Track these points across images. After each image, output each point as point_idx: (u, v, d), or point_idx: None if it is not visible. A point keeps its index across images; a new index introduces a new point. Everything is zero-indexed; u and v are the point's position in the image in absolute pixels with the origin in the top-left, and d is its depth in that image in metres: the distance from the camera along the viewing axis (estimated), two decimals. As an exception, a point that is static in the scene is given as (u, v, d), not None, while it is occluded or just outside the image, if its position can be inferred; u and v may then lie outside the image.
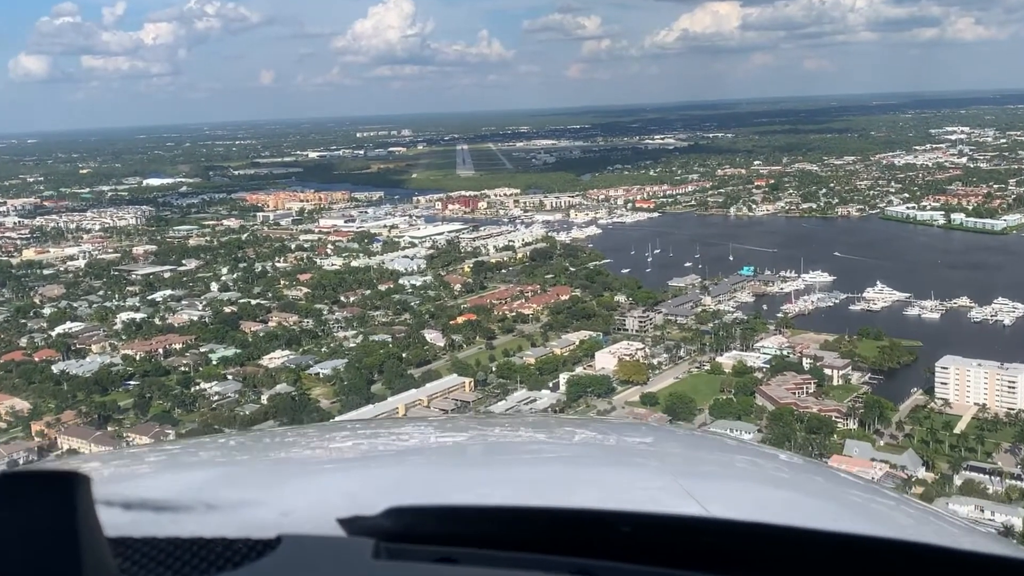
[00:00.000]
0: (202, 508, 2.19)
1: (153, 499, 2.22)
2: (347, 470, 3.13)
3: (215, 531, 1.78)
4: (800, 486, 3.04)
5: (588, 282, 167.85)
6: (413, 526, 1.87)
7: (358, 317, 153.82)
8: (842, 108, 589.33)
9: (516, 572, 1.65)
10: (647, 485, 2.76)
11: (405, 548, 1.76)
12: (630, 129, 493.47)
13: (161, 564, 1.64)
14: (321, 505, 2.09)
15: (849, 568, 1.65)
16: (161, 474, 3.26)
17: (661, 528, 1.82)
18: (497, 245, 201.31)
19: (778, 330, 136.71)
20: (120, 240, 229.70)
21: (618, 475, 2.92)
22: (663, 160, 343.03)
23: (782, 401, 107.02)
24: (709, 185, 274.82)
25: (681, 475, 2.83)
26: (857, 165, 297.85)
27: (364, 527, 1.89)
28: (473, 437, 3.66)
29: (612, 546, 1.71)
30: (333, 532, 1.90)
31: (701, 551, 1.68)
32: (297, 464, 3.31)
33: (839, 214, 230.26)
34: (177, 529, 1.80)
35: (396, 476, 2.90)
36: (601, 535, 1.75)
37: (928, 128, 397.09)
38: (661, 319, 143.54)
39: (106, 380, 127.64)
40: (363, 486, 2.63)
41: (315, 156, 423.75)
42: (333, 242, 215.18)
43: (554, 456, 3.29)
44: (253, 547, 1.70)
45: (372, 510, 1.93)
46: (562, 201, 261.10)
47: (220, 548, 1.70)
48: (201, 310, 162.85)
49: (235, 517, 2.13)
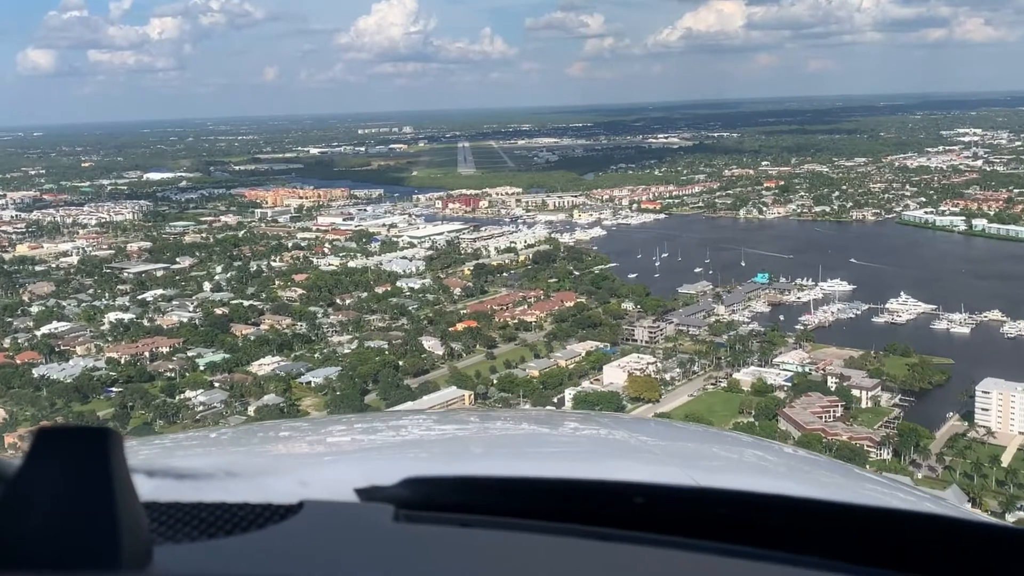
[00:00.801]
0: (223, 476, 2.28)
1: (176, 468, 2.30)
2: (363, 449, 3.34)
3: (237, 498, 1.82)
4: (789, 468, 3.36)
5: (593, 288, 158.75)
6: (430, 495, 1.91)
7: (354, 321, 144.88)
8: (849, 108, 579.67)
9: (531, 535, 1.71)
10: (650, 465, 3.00)
11: (424, 515, 1.80)
12: (633, 128, 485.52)
13: (187, 525, 1.68)
14: (339, 478, 2.17)
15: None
16: (182, 450, 3.49)
17: (667, 498, 1.90)
18: (499, 246, 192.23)
19: (798, 344, 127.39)
20: (116, 236, 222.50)
21: (622, 455, 3.24)
22: (668, 160, 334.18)
23: (808, 427, 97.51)
24: (716, 186, 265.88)
25: (681, 458, 3.17)
26: (869, 167, 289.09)
27: (382, 496, 1.93)
28: (483, 426, 3.93)
29: (621, 515, 1.77)
30: (352, 500, 1.98)
31: (707, 520, 1.75)
32: (315, 443, 3.52)
33: (854, 218, 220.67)
34: (200, 495, 1.84)
35: (411, 454, 3.13)
36: (610, 505, 1.84)
37: (939, 130, 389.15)
38: (672, 329, 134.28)
39: (87, 386, 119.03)
40: (379, 462, 2.80)
41: (316, 152, 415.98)
42: (331, 241, 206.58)
43: (560, 440, 3.53)
44: (276, 511, 1.74)
45: (389, 482, 1.99)
46: (565, 201, 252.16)
47: (244, 512, 1.73)
48: (192, 311, 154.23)
49: (256, 486, 2.21)
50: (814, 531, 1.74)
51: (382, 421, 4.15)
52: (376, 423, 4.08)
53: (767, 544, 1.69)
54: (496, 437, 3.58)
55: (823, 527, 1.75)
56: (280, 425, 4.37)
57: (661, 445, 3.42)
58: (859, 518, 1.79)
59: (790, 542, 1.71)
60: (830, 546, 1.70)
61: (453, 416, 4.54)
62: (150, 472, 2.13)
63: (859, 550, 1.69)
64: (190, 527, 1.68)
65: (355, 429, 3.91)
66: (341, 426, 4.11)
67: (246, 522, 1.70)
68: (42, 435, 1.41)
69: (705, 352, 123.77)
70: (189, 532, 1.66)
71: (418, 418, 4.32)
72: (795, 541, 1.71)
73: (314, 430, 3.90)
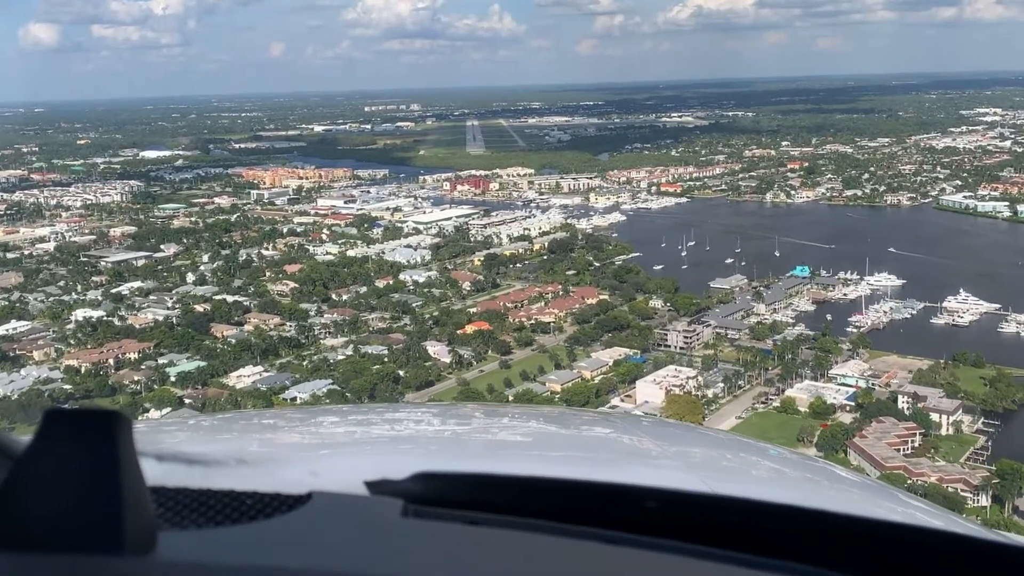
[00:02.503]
0: (233, 463, 2.24)
1: (185, 453, 2.25)
2: (374, 441, 3.30)
3: (246, 486, 1.78)
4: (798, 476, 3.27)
5: (617, 282, 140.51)
6: (440, 491, 1.87)
7: (350, 321, 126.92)
8: (861, 88, 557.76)
9: (540, 536, 1.67)
10: (661, 470, 2.94)
11: (433, 511, 1.76)
12: (645, 106, 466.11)
13: (194, 511, 1.65)
14: (349, 469, 2.11)
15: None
16: (191, 435, 3.45)
17: (678, 504, 1.85)
18: (511, 234, 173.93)
19: (853, 351, 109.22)
20: (100, 219, 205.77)
21: (636, 457, 3.20)
22: (684, 139, 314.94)
23: (887, 463, 79.26)
24: (738, 167, 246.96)
25: (696, 463, 3.12)
26: (894, 147, 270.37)
27: (392, 490, 1.89)
28: (496, 421, 3.92)
29: (630, 519, 1.73)
30: (362, 493, 1.93)
31: (717, 527, 1.71)
32: (327, 433, 3.50)
33: (888, 203, 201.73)
34: (209, 482, 1.81)
35: (423, 448, 3.05)
36: (620, 508, 1.79)
37: (957, 109, 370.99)
38: (709, 333, 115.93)
39: (37, 403, 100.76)
40: (389, 455, 2.75)
41: (320, 130, 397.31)
42: (329, 226, 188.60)
43: (574, 440, 3.51)
44: (284, 501, 1.71)
45: (399, 475, 1.94)
46: (580, 183, 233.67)
47: (252, 500, 1.70)
48: (170, 307, 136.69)
49: (265, 474, 2.17)
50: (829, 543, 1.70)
51: (396, 412, 4.05)
52: (389, 414, 3.99)
53: (776, 554, 1.65)
54: (509, 434, 3.53)
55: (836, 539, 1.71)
56: (293, 413, 4.45)
57: (676, 449, 3.36)
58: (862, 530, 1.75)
59: (803, 553, 1.66)
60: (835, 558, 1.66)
61: (467, 410, 4.27)
62: (160, 456, 2.10)
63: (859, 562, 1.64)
64: (197, 513, 1.65)
65: (368, 420, 3.80)
66: (354, 416, 4.04)
67: (254, 511, 1.67)
68: (49, 417, 1.41)
69: (750, 362, 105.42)
70: (196, 519, 1.64)
71: (432, 411, 4.10)
72: (809, 553, 1.66)
73: (327, 419, 3.85)
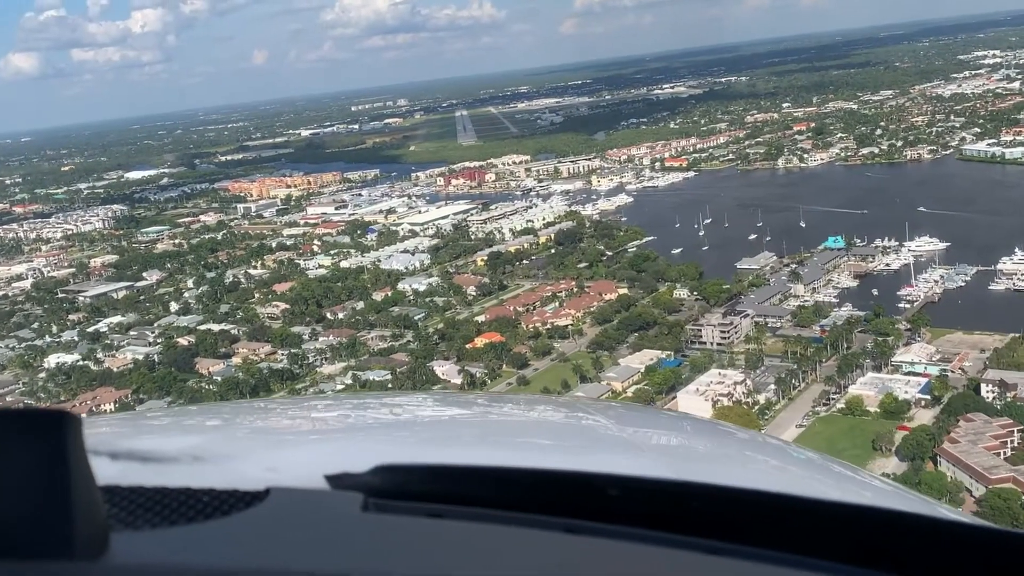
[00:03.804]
0: (189, 460, 2.16)
1: (140, 450, 2.18)
2: (335, 433, 3.17)
3: (203, 483, 1.71)
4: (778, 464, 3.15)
5: (634, 272, 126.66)
6: (402, 484, 1.82)
7: (347, 344, 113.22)
8: (850, 42, 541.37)
9: (503, 527, 1.63)
10: (627, 456, 2.85)
11: (394, 504, 1.71)
12: (635, 80, 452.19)
13: (149, 511, 1.59)
14: (308, 463, 2.04)
15: None
16: (147, 430, 3.34)
17: (641, 491, 1.80)
18: (514, 227, 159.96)
19: (913, 332, 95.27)
20: (81, 249, 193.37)
21: (604, 445, 3.09)
22: (680, 110, 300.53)
23: (991, 475, 65.39)
24: (743, 135, 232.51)
25: (666, 450, 3.02)
26: (899, 99, 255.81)
27: (352, 483, 1.83)
28: (463, 410, 3.77)
29: (596, 507, 1.69)
30: (321, 488, 1.88)
31: (683, 514, 1.67)
32: (287, 426, 3.37)
33: (908, 158, 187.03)
34: (164, 480, 1.73)
35: (385, 439, 2.96)
36: (585, 496, 1.74)
37: (954, 55, 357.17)
38: (748, 324, 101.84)
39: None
40: (351, 447, 2.66)
41: (307, 134, 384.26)
42: (320, 236, 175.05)
43: (542, 428, 3.43)
44: (242, 498, 1.65)
45: (360, 468, 1.88)
46: (579, 166, 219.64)
47: (208, 498, 1.64)
48: (152, 342, 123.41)
49: (222, 471, 2.11)
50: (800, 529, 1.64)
51: (357, 403, 3.86)
52: (351, 405, 3.79)
53: (746, 541, 1.61)
54: (475, 423, 3.39)
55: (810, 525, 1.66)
56: (253, 406, 4.20)
57: (643, 434, 3.27)
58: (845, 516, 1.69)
59: (772, 539, 1.62)
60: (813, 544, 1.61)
61: (432, 400, 4.06)
62: (113, 454, 2.02)
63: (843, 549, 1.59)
64: (152, 513, 1.59)
65: (329, 411, 3.65)
66: (314, 408, 3.91)
67: (210, 508, 1.60)
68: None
69: (801, 356, 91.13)
70: (151, 518, 1.57)
71: (396, 401, 3.84)
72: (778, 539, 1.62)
73: (287, 412, 3.70)
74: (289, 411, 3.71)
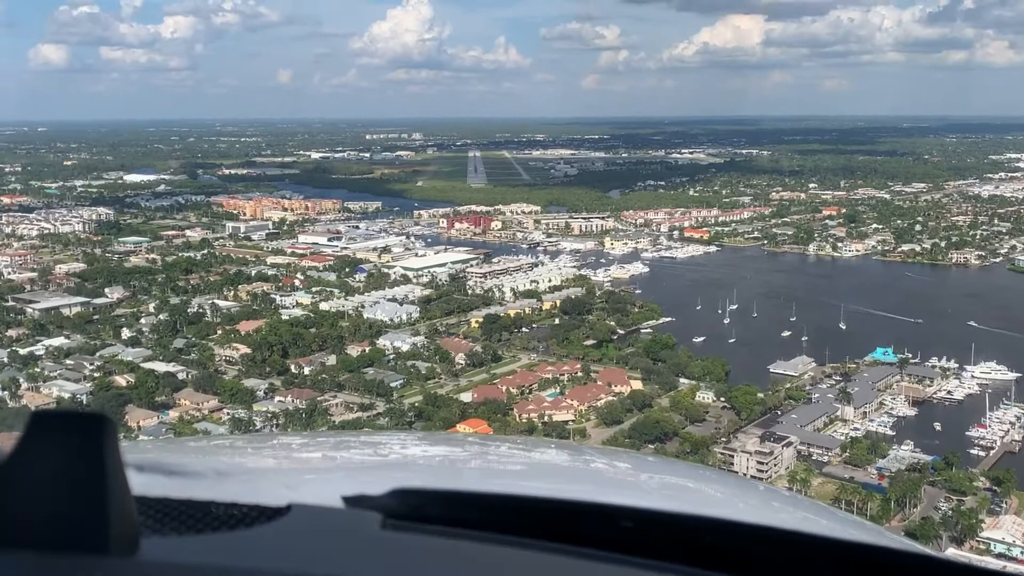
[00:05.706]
0: (214, 476, 2.24)
1: (166, 465, 2.25)
2: (355, 462, 3.26)
3: (226, 498, 1.77)
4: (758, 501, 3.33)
5: (649, 359, 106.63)
6: (417, 507, 1.86)
7: (307, 408, 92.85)
8: (873, 129, 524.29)
9: (515, 550, 1.67)
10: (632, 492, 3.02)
11: (411, 525, 1.74)
12: (652, 141, 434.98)
13: (175, 520, 1.64)
14: (329, 486, 2.10)
15: None
16: (172, 451, 3.49)
17: (646, 522, 1.86)
18: (516, 287, 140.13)
19: (996, 496, 74.84)
20: (52, 252, 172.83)
21: (604, 479, 3.27)
22: (700, 178, 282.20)
23: None
24: (767, 212, 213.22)
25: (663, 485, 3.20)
26: (933, 193, 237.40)
27: (371, 505, 1.87)
28: (473, 447, 3.95)
29: (605, 537, 1.74)
30: (340, 508, 1.92)
31: (692, 546, 1.72)
32: (307, 454, 3.53)
33: (953, 261, 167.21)
34: (189, 493, 1.80)
35: (402, 469, 3.07)
36: (595, 526, 1.79)
37: (985, 155, 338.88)
38: (790, 455, 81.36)
39: None
40: (370, 474, 2.77)
41: (317, 157, 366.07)
42: (305, 270, 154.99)
43: (549, 464, 3.57)
44: (263, 512, 1.69)
45: (378, 492, 1.92)
46: (592, 224, 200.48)
47: (232, 511, 1.68)
48: (85, 377, 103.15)
49: (246, 488, 2.17)
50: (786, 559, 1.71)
51: (375, 437, 4.02)
52: (369, 439, 3.97)
53: (740, 571, 1.65)
54: (486, 459, 3.52)
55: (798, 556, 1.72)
56: (274, 436, 4.50)
57: (648, 476, 3.39)
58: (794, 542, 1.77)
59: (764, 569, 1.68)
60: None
61: (446, 439, 4.63)
62: (140, 467, 2.08)
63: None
64: (178, 522, 1.63)
65: (347, 443, 3.80)
66: (333, 440, 4.04)
67: (234, 520, 1.65)
68: (36, 419, 1.39)
69: (859, 512, 70.73)
70: (177, 527, 1.62)
71: (411, 438, 4.13)
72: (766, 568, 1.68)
73: (307, 443, 3.89)
74: (309, 443, 3.90)
